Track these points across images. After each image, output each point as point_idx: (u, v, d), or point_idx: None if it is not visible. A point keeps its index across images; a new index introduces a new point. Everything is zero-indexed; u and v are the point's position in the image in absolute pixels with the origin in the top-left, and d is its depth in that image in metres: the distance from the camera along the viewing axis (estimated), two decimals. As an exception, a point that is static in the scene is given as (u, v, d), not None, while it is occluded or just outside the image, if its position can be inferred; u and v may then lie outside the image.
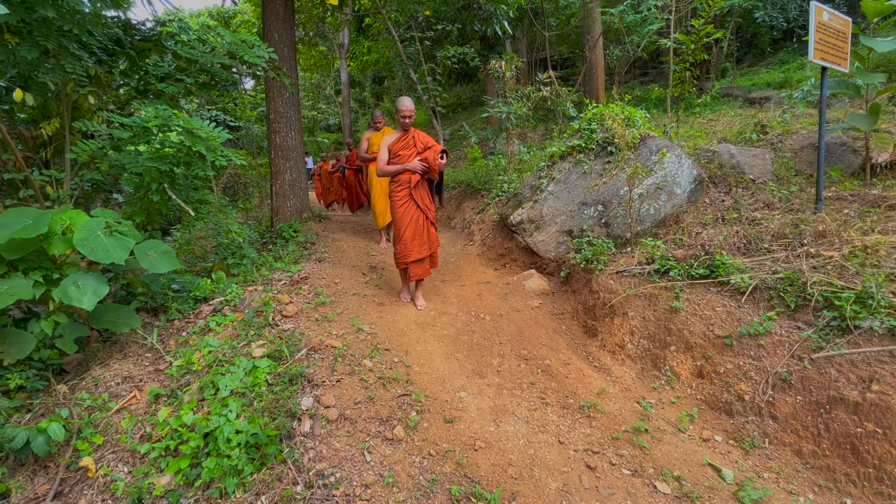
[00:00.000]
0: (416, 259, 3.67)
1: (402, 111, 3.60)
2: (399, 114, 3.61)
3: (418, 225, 3.69)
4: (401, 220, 3.66)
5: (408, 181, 3.66)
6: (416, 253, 3.67)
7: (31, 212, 2.32)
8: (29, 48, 2.81)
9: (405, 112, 3.60)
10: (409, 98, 3.64)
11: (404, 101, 3.62)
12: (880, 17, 3.64)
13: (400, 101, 3.62)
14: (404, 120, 3.62)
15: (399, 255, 3.70)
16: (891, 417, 2.11)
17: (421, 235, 3.69)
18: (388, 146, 3.69)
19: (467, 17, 9.45)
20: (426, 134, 3.81)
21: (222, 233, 4.77)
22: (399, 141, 3.69)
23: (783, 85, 8.96)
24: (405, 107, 3.60)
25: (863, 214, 3.35)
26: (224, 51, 3.60)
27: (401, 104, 3.61)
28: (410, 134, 3.71)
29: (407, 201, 3.67)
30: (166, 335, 2.89)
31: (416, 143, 3.71)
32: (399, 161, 3.67)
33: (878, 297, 2.42)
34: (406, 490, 1.97)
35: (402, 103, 3.62)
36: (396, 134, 3.72)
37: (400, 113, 3.61)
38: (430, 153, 3.61)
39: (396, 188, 3.70)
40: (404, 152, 3.66)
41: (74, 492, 1.94)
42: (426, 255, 3.74)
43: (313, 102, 22.21)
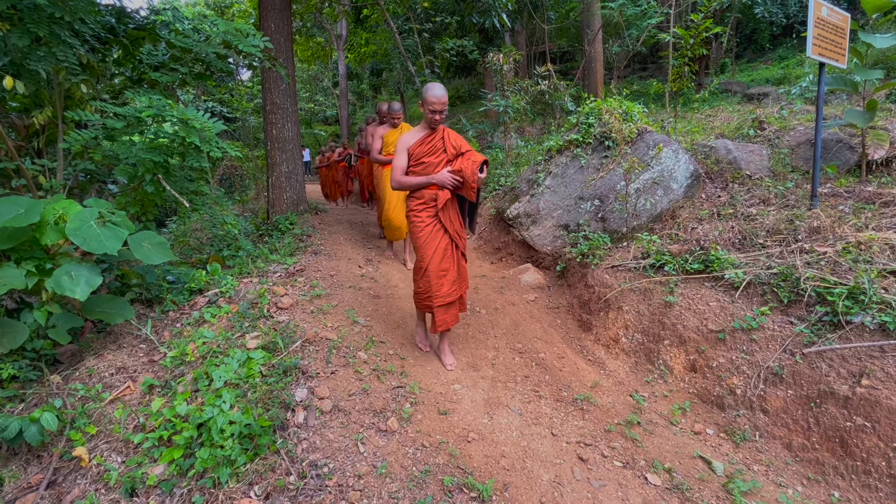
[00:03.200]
0: (443, 303, 2.80)
1: (433, 102, 2.64)
2: (427, 105, 2.66)
3: (446, 256, 2.81)
4: (424, 249, 2.79)
5: (433, 198, 2.76)
6: (445, 294, 2.80)
7: (23, 201, 2.30)
8: (20, 35, 2.77)
9: (436, 104, 2.65)
10: (441, 86, 2.67)
11: (435, 88, 2.66)
12: (879, 13, 3.63)
13: (430, 89, 2.66)
14: (433, 115, 2.68)
15: (421, 293, 2.86)
16: (879, 412, 2.14)
17: (449, 270, 2.81)
18: (409, 149, 2.78)
19: (466, 9, 9.38)
20: (458, 134, 2.91)
21: (218, 224, 4.76)
22: (424, 142, 2.76)
23: (782, 81, 8.96)
24: (436, 97, 2.64)
25: (857, 211, 3.36)
26: (219, 40, 3.56)
27: (431, 93, 2.65)
28: (439, 134, 2.79)
29: (432, 225, 2.79)
30: (161, 326, 2.88)
31: (446, 146, 2.76)
32: (422, 170, 2.77)
33: (870, 293, 2.44)
34: (399, 480, 1.99)
35: (432, 92, 2.65)
36: (419, 133, 2.80)
37: (428, 105, 2.65)
38: (465, 162, 2.68)
39: (418, 207, 2.81)
40: (430, 159, 2.76)
41: (68, 481, 1.95)
42: (456, 298, 2.88)
43: (310, 94, 22.06)
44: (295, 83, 5.81)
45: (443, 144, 2.79)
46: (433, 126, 2.76)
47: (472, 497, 1.94)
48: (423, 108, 2.74)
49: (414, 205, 2.85)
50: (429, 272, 2.79)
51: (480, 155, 2.73)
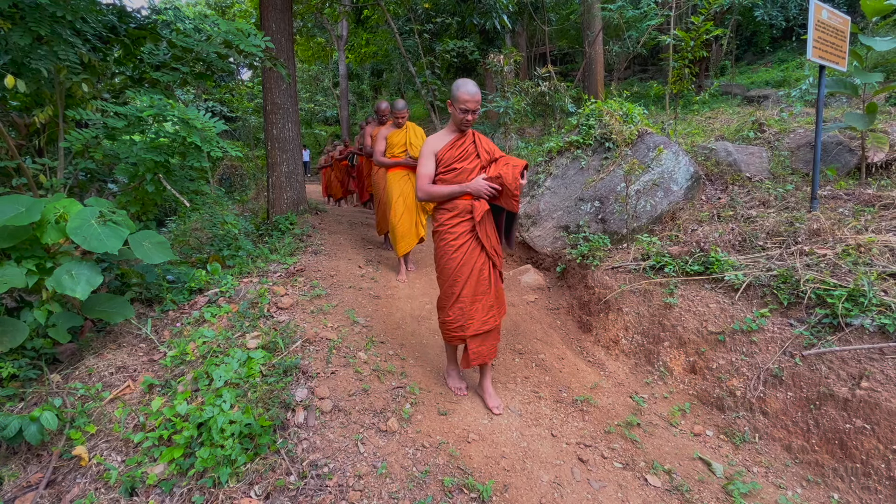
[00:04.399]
0: (478, 331, 2.46)
1: (465, 101, 2.31)
2: (458, 104, 2.34)
3: (482, 278, 2.46)
4: (456, 271, 2.43)
5: (468, 210, 2.43)
6: (480, 321, 2.45)
7: (24, 199, 2.30)
8: (21, 34, 2.77)
9: (469, 102, 2.31)
10: (473, 82, 2.37)
11: (468, 85, 2.33)
12: (879, 16, 3.64)
13: (461, 86, 2.33)
14: (465, 116, 2.34)
15: (450, 322, 2.48)
16: (879, 414, 2.14)
17: (486, 294, 2.47)
18: (437, 154, 2.46)
19: (467, 10, 9.39)
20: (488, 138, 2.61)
21: (218, 224, 4.75)
22: (453, 146, 2.45)
23: (782, 83, 8.97)
24: (469, 94, 2.31)
25: (857, 213, 3.37)
26: (220, 40, 3.56)
27: (463, 90, 2.31)
28: (469, 137, 2.49)
29: (467, 242, 2.44)
30: (161, 326, 2.88)
31: (478, 150, 2.48)
32: (453, 178, 2.43)
33: (869, 296, 2.44)
34: (399, 481, 1.99)
35: (465, 89, 2.31)
36: (447, 135, 2.48)
37: (460, 103, 2.32)
38: (503, 167, 2.36)
39: (450, 220, 2.45)
40: (462, 165, 2.44)
41: (67, 480, 1.95)
42: (494, 326, 2.52)
43: (311, 94, 22.07)
44: (295, 83, 5.82)
45: (475, 149, 2.48)
46: (463, 128, 2.45)
47: (472, 498, 1.94)
48: (451, 108, 2.43)
49: (445, 218, 2.46)
50: (463, 298, 2.43)
51: (519, 159, 2.43)
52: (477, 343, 2.49)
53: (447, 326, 2.53)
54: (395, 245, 4.34)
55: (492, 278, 2.51)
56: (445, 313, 2.52)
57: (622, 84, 11.21)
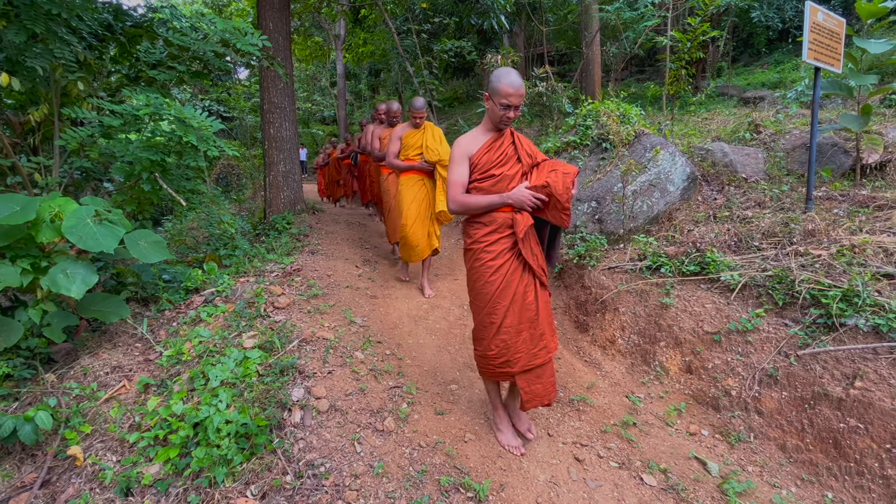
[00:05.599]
0: (528, 366, 2.10)
1: (509, 94, 1.95)
2: (498, 98, 1.97)
3: (527, 304, 2.10)
4: (495, 297, 2.08)
5: (508, 224, 2.09)
6: (529, 354, 2.10)
7: (18, 198, 2.29)
8: (16, 31, 2.75)
9: (513, 96, 1.96)
10: (516, 72, 1.99)
11: (511, 75, 1.97)
12: (874, 18, 3.66)
13: (504, 76, 1.97)
14: (506, 112, 2.00)
15: (493, 357, 2.12)
16: (873, 413, 2.16)
17: (533, 322, 2.11)
18: (471, 157, 2.10)
19: (464, 10, 9.40)
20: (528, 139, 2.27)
21: (214, 223, 4.74)
22: (491, 149, 2.10)
23: (778, 85, 9.02)
24: (513, 87, 1.95)
25: (852, 214, 3.39)
26: (217, 38, 3.55)
27: (506, 80, 1.95)
28: (508, 137, 2.15)
29: (508, 261, 2.09)
30: (157, 325, 2.87)
31: (519, 153, 2.14)
32: (491, 186, 2.09)
33: (863, 296, 2.46)
34: (396, 480, 1.99)
35: (508, 79, 1.96)
36: (481, 135, 2.13)
37: (502, 96, 1.96)
38: (553, 175, 2.01)
39: (487, 236, 2.10)
40: (502, 170, 2.09)
41: (62, 480, 1.94)
42: (548, 359, 2.16)
43: (308, 94, 22.02)
44: (293, 82, 5.80)
45: (515, 151, 2.14)
46: (502, 126, 2.08)
47: (469, 497, 1.95)
48: (487, 103, 2.06)
49: (481, 234, 2.11)
50: (506, 329, 2.07)
51: (568, 165, 2.08)
52: (529, 381, 2.11)
53: (490, 362, 2.14)
54: (404, 253, 4.10)
55: (539, 303, 2.13)
56: (486, 346, 2.13)
57: (619, 85, 11.25)
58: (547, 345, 2.14)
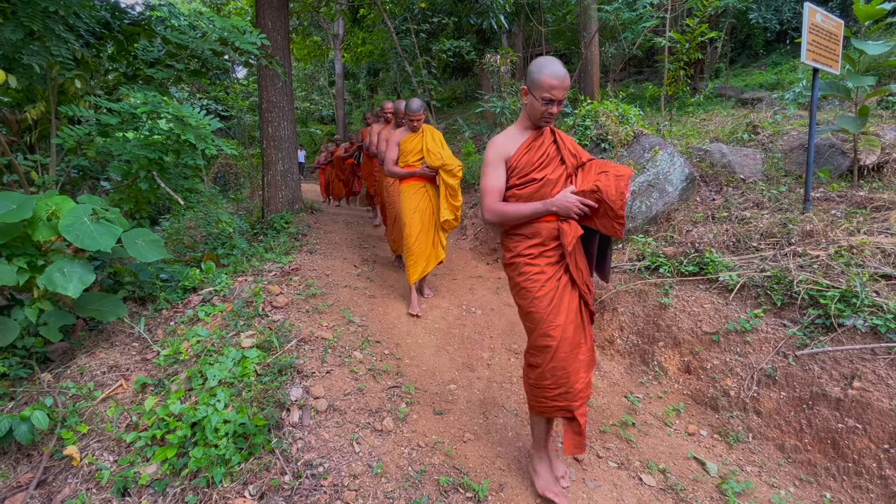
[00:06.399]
0: (584, 398, 1.88)
1: (553, 86, 1.72)
2: (539, 91, 1.74)
3: (577, 324, 1.88)
4: (550, 312, 1.82)
5: (554, 236, 1.84)
6: (584, 383, 1.88)
7: (15, 196, 2.27)
8: (13, 29, 2.74)
9: (557, 89, 1.72)
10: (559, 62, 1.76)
11: (554, 65, 1.74)
12: (872, 20, 3.67)
13: (546, 66, 1.73)
14: (548, 108, 1.76)
15: (547, 387, 1.85)
16: (871, 413, 2.16)
17: (582, 345, 1.89)
18: (509, 159, 1.87)
19: (463, 9, 9.40)
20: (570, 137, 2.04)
21: (212, 223, 4.73)
22: (530, 149, 1.86)
23: (775, 86, 9.04)
24: (558, 78, 1.72)
25: (849, 215, 3.40)
26: (215, 37, 3.53)
27: (549, 71, 1.72)
28: (548, 135, 1.90)
29: (555, 277, 1.85)
30: (154, 325, 2.86)
31: (562, 153, 1.89)
32: (533, 192, 1.84)
33: (861, 296, 2.46)
34: (394, 480, 1.98)
35: (550, 69, 1.72)
36: (519, 134, 1.89)
37: (545, 89, 1.73)
38: (603, 178, 1.77)
39: (529, 250, 1.86)
40: (544, 173, 1.84)
41: (58, 480, 1.92)
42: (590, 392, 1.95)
43: (307, 93, 21.98)
44: (291, 81, 5.79)
45: (557, 151, 1.88)
46: (542, 124, 1.84)
47: (468, 497, 1.94)
48: (526, 97, 1.82)
49: (522, 247, 1.87)
50: (561, 354, 1.81)
51: (621, 166, 1.83)
52: (583, 413, 1.88)
53: (544, 392, 1.85)
54: (407, 269, 3.70)
55: (585, 325, 1.91)
56: (540, 373, 1.85)
57: (618, 85, 11.26)
58: (588, 366, 1.92)
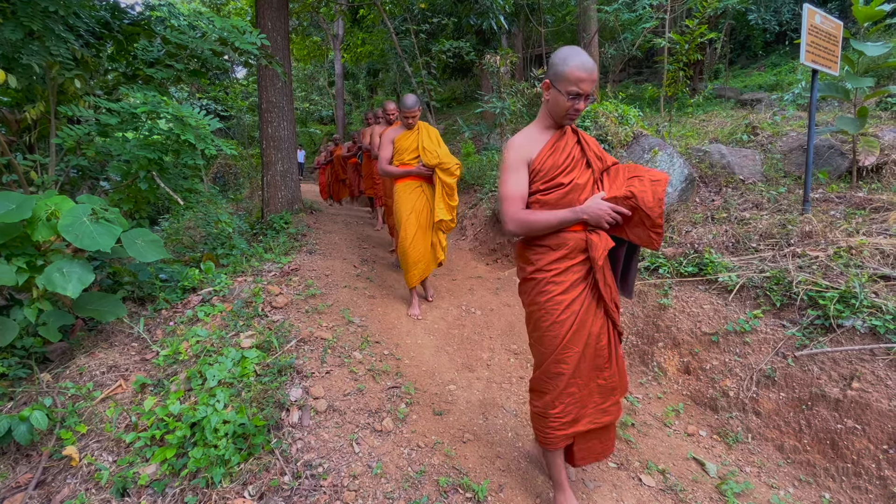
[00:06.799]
0: (594, 425, 1.78)
1: (579, 78, 1.55)
2: (565, 83, 1.57)
3: (601, 347, 1.74)
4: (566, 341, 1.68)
5: (582, 248, 1.68)
6: (598, 410, 1.77)
7: (14, 196, 2.27)
8: (13, 29, 2.73)
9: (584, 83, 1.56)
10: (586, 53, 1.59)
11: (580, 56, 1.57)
12: (871, 21, 3.68)
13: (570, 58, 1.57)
14: (575, 103, 1.59)
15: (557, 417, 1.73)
16: (870, 414, 2.17)
17: (606, 371, 1.76)
18: (531, 162, 1.69)
19: (463, 10, 9.40)
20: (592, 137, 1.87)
21: (212, 223, 4.72)
22: (555, 150, 1.69)
23: (775, 87, 9.06)
24: (585, 70, 1.56)
25: (848, 216, 3.40)
26: (215, 37, 3.53)
27: (574, 63, 1.56)
28: (571, 136, 1.74)
29: (581, 295, 1.70)
30: (153, 325, 2.85)
31: (587, 156, 1.74)
32: (560, 199, 1.67)
33: (860, 297, 2.47)
34: (394, 481, 1.98)
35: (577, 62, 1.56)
36: (541, 134, 1.72)
37: (570, 82, 1.56)
38: (637, 183, 1.65)
39: (554, 264, 1.69)
40: (571, 178, 1.68)
41: (58, 480, 1.92)
42: (616, 417, 1.82)
43: (306, 93, 21.98)
44: (291, 82, 5.79)
45: (582, 153, 1.73)
46: (566, 122, 1.67)
47: (468, 498, 1.94)
48: (549, 93, 1.65)
49: (546, 261, 1.69)
50: (576, 380, 1.70)
51: (656, 171, 1.69)
52: (587, 438, 1.80)
53: (551, 421, 1.73)
54: (405, 272, 3.60)
55: (612, 346, 1.76)
56: (549, 402, 1.73)
57: (617, 86, 11.27)
58: (617, 401, 1.81)
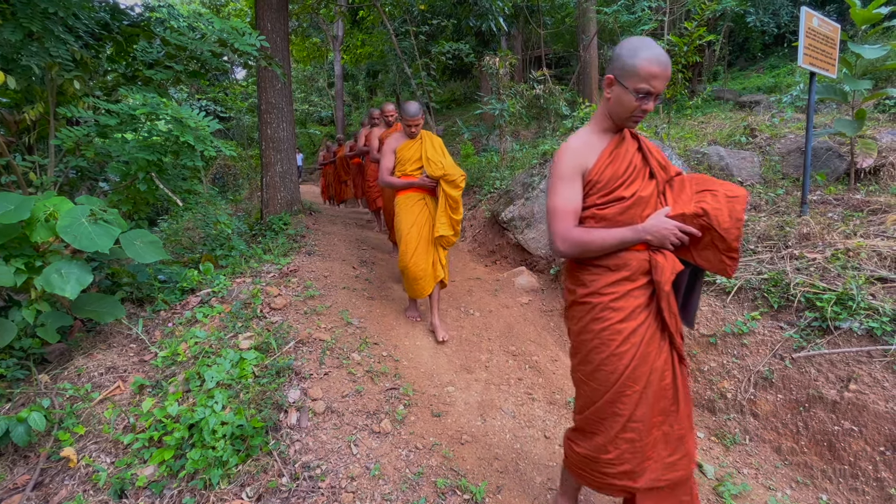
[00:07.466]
0: (659, 482, 1.48)
1: (652, 74, 1.36)
2: (634, 80, 1.37)
3: (664, 386, 1.50)
4: (624, 377, 1.46)
5: (644, 270, 1.48)
6: (663, 463, 1.49)
7: (13, 197, 2.27)
8: (12, 30, 2.74)
9: (656, 79, 1.36)
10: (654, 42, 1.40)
11: (653, 49, 1.37)
12: (868, 24, 3.70)
13: (640, 50, 1.37)
14: (642, 102, 1.39)
15: (611, 464, 1.49)
16: (867, 416, 2.17)
17: (672, 415, 1.50)
18: (587, 172, 1.48)
19: (463, 12, 9.42)
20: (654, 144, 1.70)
21: (211, 224, 4.72)
22: (614, 158, 1.48)
23: (773, 89, 9.08)
24: (659, 64, 1.36)
25: (846, 218, 3.41)
26: (215, 38, 3.53)
27: (645, 56, 1.36)
28: (632, 142, 1.54)
29: (643, 325, 1.48)
30: (152, 326, 2.85)
31: (650, 165, 1.53)
32: (620, 214, 1.46)
33: (858, 299, 2.47)
34: (392, 482, 1.98)
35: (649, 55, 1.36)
36: (598, 139, 1.50)
37: (640, 78, 1.37)
38: (710, 198, 1.46)
39: (611, 288, 1.48)
40: (633, 190, 1.47)
41: (55, 482, 1.92)
42: (688, 473, 1.52)
43: (306, 95, 21.99)
44: (290, 83, 5.79)
45: (644, 162, 1.52)
46: (628, 124, 1.47)
47: (466, 499, 1.94)
48: (612, 89, 1.43)
49: (603, 283, 1.48)
50: (635, 424, 1.45)
51: (729, 183, 1.50)
52: (654, 499, 1.49)
53: (602, 468, 1.50)
54: (407, 289, 3.49)
55: (678, 384, 1.50)
56: (601, 446, 1.49)
57: (616, 88, 11.28)
58: (688, 451, 1.50)
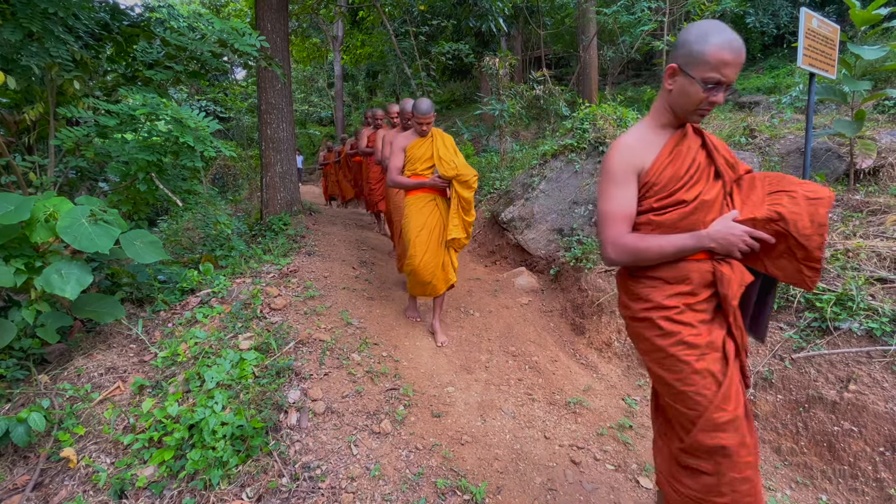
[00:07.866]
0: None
1: (724, 61, 1.20)
2: (705, 67, 1.22)
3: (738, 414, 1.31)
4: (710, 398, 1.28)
5: (708, 282, 1.33)
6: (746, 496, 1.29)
7: (13, 198, 2.27)
8: (12, 30, 2.73)
9: (729, 67, 1.21)
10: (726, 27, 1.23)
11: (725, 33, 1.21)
12: (867, 25, 3.70)
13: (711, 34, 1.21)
14: (713, 93, 1.25)
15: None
16: (866, 416, 2.17)
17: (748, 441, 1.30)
18: (644, 173, 1.35)
19: (463, 12, 9.43)
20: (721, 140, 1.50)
21: (210, 224, 4.72)
22: (675, 156, 1.34)
23: (772, 90, 9.09)
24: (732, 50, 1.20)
25: (845, 219, 3.42)
26: (214, 38, 3.53)
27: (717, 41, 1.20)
28: (696, 138, 1.40)
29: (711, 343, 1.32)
30: (152, 326, 2.85)
31: (716, 163, 1.38)
32: (681, 219, 1.32)
33: (857, 300, 2.48)
34: (392, 483, 1.98)
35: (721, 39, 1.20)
36: (657, 135, 1.38)
37: (711, 65, 1.21)
38: (788, 201, 1.30)
39: (673, 301, 1.33)
40: (695, 192, 1.33)
41: (55, 483, 1.92)
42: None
43: (305, 95, 22.00)
44: (290, 83, 5.79)
45: (709, 160, 1.38)
46: (692, 119, 1.33)
47: (465, 499, 1.94)
48: (674, 80, 1.30)
49: (660, 297, 1.34)
50: (742, 459, 1.28)
51: (809, 182, 1.36)
52: None
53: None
54: (414, 290, 3.35)
55: (747, 409, 1.35)
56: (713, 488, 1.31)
57: (616, 88, 11.30)
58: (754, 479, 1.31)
